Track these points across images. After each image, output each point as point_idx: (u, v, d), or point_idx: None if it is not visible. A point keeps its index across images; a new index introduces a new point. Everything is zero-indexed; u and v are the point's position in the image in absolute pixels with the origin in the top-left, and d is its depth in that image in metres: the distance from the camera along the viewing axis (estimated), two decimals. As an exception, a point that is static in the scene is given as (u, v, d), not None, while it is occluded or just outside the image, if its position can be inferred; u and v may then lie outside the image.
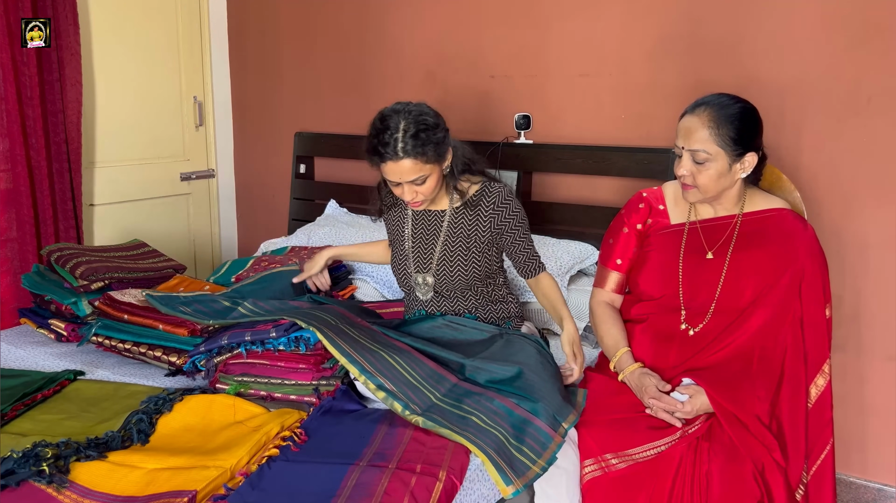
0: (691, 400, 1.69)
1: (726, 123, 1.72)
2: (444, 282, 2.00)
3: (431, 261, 1.99)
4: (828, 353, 1.77)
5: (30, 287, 2.34)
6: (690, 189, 1.80)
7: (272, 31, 3.41)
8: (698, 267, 1.84)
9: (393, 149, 1.78)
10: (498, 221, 1.96)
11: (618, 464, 1.67)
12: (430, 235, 2.00)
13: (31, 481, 1.41)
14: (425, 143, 1.79)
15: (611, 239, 1.98)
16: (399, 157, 1.79)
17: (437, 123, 1.84)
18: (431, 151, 1.80)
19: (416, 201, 1.90)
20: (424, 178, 1.84)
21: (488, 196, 1.95)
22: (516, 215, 1.97)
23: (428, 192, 1.88)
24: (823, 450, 1.74)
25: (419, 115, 1.81)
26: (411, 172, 1.81)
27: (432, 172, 1.86)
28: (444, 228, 1.98)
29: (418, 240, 2.02)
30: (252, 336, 1.81)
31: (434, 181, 1.88)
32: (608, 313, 1.95)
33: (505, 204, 1.95)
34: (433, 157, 1.82)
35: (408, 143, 1.78)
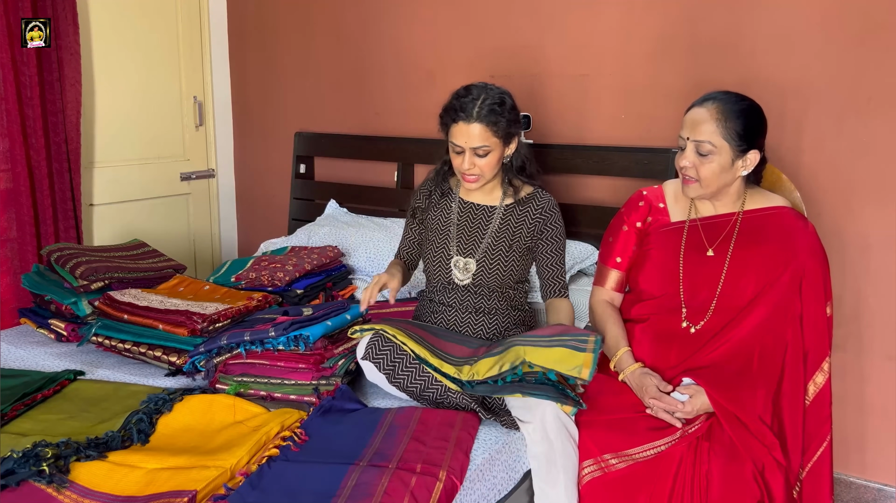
0: (691, 400, 1.69)
1: (733, 118, 1.74)
2: (483, 273, 2.01)
3: (477, 248, 2.02)
4: (828, 351, 1.77)
5: (30, 287, 2.34)
6: (691, 183, 1.80)
7: (272, 31, 3.41)
8: (699, 264, 1.84)
9: (469, 111, 1.88)
10: (540, 227, 2.01)
11: (617, 463, 1.67)
12: (479, 226, 2.03)
13: (31, 481, 1.41)
14: (499, 116, 1.88)
15: (611, 237, 1.98)
16: (472, 120, 1.88)
17: (513, 106, 1.94)
18: (503, 126, 1.89)
19: (472, 174, 1.94)
20: (488, 150, 1.90)
21: (538, 200, 2.02)
22: (557, 228, 2.03)
23: (486, 169, 1.93)
24: (821, 446, 1.75)
25: (500, 93, 1.92)
26: (479, 139, 1.88)
27: (495, 148, 1.91)
28: (494, 221, 2.02)
29: (464, 228, 2.05)
30: (251, 336, 1.81)
31: (494, 159, 1.93)
32: (608, 312, 1.95)
33: (551, 212, 2.02)
34: (501, 133, 1.90)
35: (483, 109, 1.88)
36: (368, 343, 1.80)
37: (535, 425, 1.67)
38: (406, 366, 1.77)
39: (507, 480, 1.67)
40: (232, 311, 2.08)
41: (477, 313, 2.01)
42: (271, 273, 2.46)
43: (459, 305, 2.03)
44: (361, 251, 2.72)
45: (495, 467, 1.63)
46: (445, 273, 2.04)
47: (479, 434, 1.68)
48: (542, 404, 1.68)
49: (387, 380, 1.79)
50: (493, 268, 2.00)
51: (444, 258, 2.04)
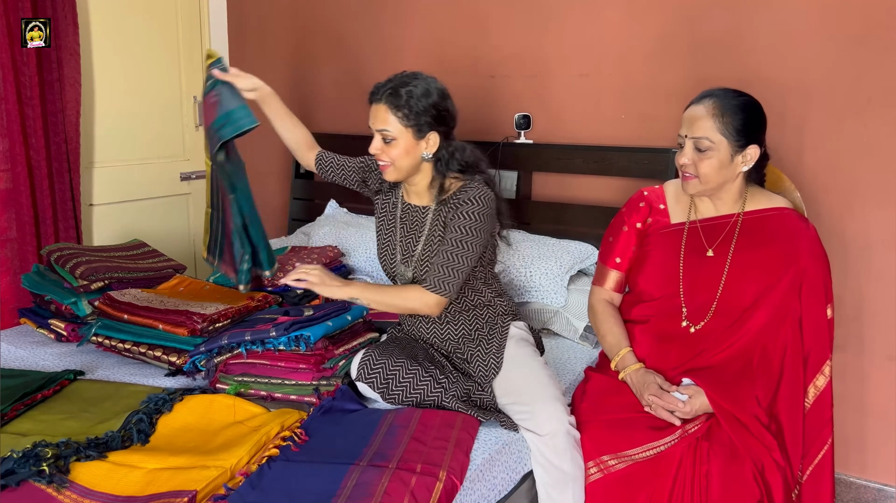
0: (691, 400, 1.69)
1: (730, 113, 1.73)
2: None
3: (413, 257, 1.94)
4: (829, 354, 1.76)
5: (30, 287, 2.34)
6: (691, 180, 1.80)
7: (272, 31, 3.41)
8: (699, 266, 1.83)
9: (378, 92, 1.83)
10: (452, 216, 1.85)
11: (616, 464, 1.66)
12: (416, 230, 1.95)
13: (31, 481, 1.41)
14: (404, 100, 1.79)
15: (611, 237, 1.98)
16: (378, 100, 1.83)
17: (437, 102, 1.82)
18: (406, 112, 1.79)
19: (381, 160, 1.86)
20: (392, 137, 1.81)
21: (460, 193, 1.86)
22: (463, 218, 1.81)
23: (393, 157, 1.83)
24: (822, 450, 1.73)
25: (421, 81, 1.83)
26: (381, 121, 1.82)
27: (401, 136, 1.81)
28: (427, 224, 1.92)
29: (406, 231, 1.97)
30: (252, 336, 1.81)
31: (401, 150, 1.82)
32: (609, 311, 1.94)
33: (466, 203, 1.82)
34: (407, 120, 1.80)
35: (389, 90, 1.81)
36: (360, 363, 1.78)
37: (545, 439, 1.67)
38: (400, 381, 1.76)
39: (507, 481, 1.67)
40: (232, 311, 2.08)
41: (429, 323, 1.95)
42: (271, 273, 2.46)
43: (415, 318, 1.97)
44: (361, 251, 2.72)
45: (495, 467, 1.63)
46: (394, 279, 2.00)
47: (480, 434, 1.68)
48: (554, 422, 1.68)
49: (382, 398, 1.78)
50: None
51: (392, 265, 1.98)
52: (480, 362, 1.86)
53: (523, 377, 1.81)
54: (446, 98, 1.86)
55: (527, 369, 1.83)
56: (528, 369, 1.83)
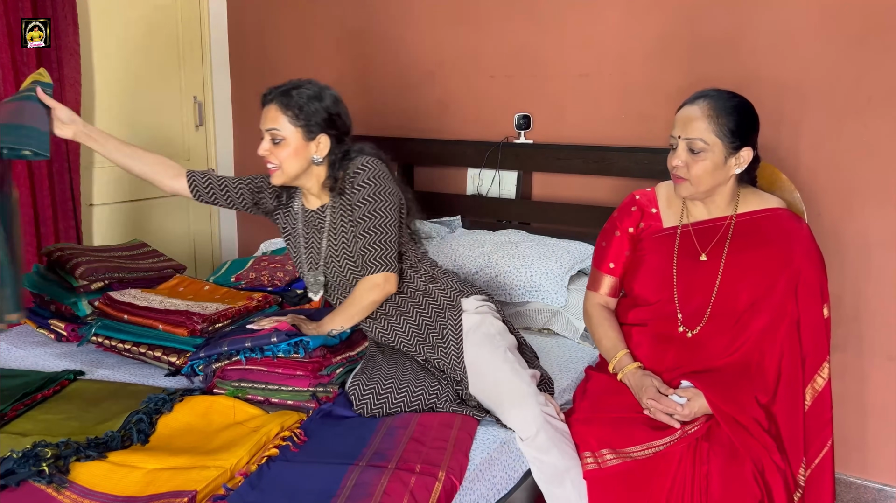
0: (689, 403, 1.68)
1: (725, 114, 1.72)
2: (336, 281, 1.91)
3: (319, 260, 1.92)
4: (826, 354, 1.75)
5: (30, 287, 2.34)
6: (683, 182, 1.77)
7: (272, 31, 3.41)
8: (692, 270, 1.82)
9: (269, 93, 1.83)
10: (350, 197, 1.82)
11: (613, 459, 1.66)
12: (317, 233, 1.92)
13: (31, 481, 1.41)
14: (295, 100, 1.79)
15: (603, 242, 1.96)
16: (269, 101, 1.82)
17: (318, 97, 1.81)
18: (296, 112, 1.79)
19: (268, 161, 1.82)
20: (281, 137, 1.79)
21: (347, 175, 1.82)
22: (361, 189, 1.79)
23: (282, 159, 1.80)
24: (822, 450, 1.73)
25: (308, 83, 1.84)
26: (272, 120, 1.80)
27: (290, 137, 1.79)
28: (327, 222, 1.89)
29: (308, 238, 1.95)
30: (252, 342, 1.78)
31: (290, 151, 1.80)
32: (604, 315, 1.93)
33: (355, 173, 1.80)
34: (297, 120, 1.79)
35: (280, 91, 1.81)
36: (350, 391, 1.75)
37: (528, 441, 1.66)
38: (394, 400, 1.73)
39: (506, 480, 1.67)
40: (232, 312, 2.08)
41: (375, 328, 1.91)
42: (271, 273, 2.46)
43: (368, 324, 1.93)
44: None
45: (494, 467, 1.63)
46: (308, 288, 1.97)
47: (478, 434, 1.68)
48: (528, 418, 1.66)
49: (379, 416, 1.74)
50: (344, 272, 1.88)
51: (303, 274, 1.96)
52: (445, 363, 1.83)
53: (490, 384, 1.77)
54: (338, 103, 1.86)
55: (489, 373, 1.78)
56: (491, 372, 1.78)
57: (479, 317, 1.89)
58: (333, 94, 1.86)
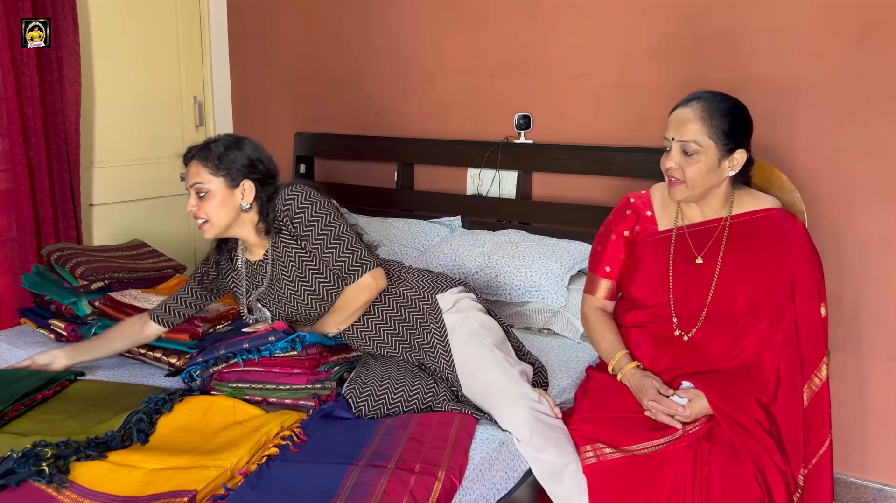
0: (690, 404, 1.68)
1: (719, 116, 1.72)
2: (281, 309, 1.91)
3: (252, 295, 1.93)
4: (824, 353, 1.76)
5: (30, 287, 2.34)
6: (677, 185, 1.77)
7: (272, 30, 3.41)
8: (688, 273, 1.82)
9: (188, 153, 1.86)
10: (296, 232, 1.83)
11: (612, 453, 1.66)
12: (262, 280, 1.93)
13: (31, 481, 1.41)
14: (212, 152, 1.82)
15: (599, 246, 1.96)
16: (189, 160, 1.84)
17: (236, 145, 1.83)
18: (216, 163, 1.81)
19: (200, 217, 1.83)
20: (206, 189, 1.81)
21: (279, 211, 1.83)
22: (301, 214, 1.81)
23: (209, 212, 1.81)
24: (821, 448, 1.73)
25: (225, 136, 1.87)
26: (194, 175, 1.82)
27: (214, 188, 1.80)
28: (269, 270, 1.90)
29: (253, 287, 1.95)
30: (250, 343, 1.78)
31: (217, 202, 1.81)
32: (602, 318, 1.93)
33: (287, 207, 1.82)
34: (216, 170, 1.81)
35: (198, 149, 1.84)
36: (347, 394, 1.75)
37: (523, 442, 1.66)
38: (392, 400, 1.73)
39: (506, 479, 1.67)
40: (233, 313, 2.09)
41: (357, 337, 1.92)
42: (271, 273, 2.46)
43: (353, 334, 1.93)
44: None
45: (494, 467, 1.63)
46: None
47: (478, 434, 1.68)
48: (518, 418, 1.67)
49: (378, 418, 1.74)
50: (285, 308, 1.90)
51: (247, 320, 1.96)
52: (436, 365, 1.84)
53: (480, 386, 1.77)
54: (258, 149, 1.87)
55: (478, 374, 1.78)
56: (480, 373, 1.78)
57: (461, 314, 1.88)
58: (253, 142, 1.88)
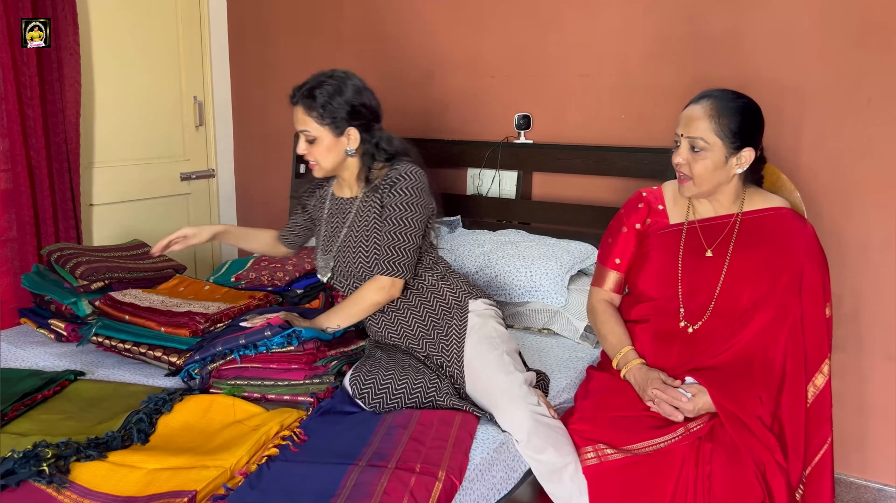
0: (694, 398, 1.69)
1: (727, 115, 1.74)
2: (344, 269, 1.93)
3: (334, 246, 1.96)
4: (827, 352, 1.77)
5: (30, 287, 2.34)
6: (685, 182, 1.81)
7: (272, 31, 3.41)
8: (697, 267, 1.84)
9: (295, 94, 1.88)
10: (384, 200, 1.88)
11: (613, 454, 1.66)
12: (340, 220, 1.97)
13: (31, 481, 1.41)
14: (317, 101, 1.84)
15: (610, 238, 1.98)
16: (295, 103, 1.88)
17: (339, 92, 1.85)
18: (320, 112, 1.84)
19: (309, 159, 1.90)
20: (313, 137, 1.86)
21: (388, 175, 1.89)
22: (398, 196, 1.85)
23: (318, 156, 1.88)
24: (821, 448, 1.74)
25: (330, 77, 1.87)
26: (301, 122, 1.87)
27: (321, 136, 1.86)
28: (352, 213, 1.94)
29: (330, 226, 1.99)
30: (246, 339, 1.79)
31: (324, 148, 1.87)
32: (610, 311, 1.95)
33: (396, 180, 1.86)
34: (322, 119, 1.84)
35: (304, 93, 1.86)
36: (351, 381, 1.76)
37: (522, 444, 1.66)
38: (395, 391, 1.74)
39: (506, 479, 1.67)
40: (234, 311, 2.08)
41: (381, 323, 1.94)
42: (271, 273, 2.46)
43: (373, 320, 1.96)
44: (361, 251, 2.71)
45: (494, 467, 1.63)
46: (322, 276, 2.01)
47: (478, 433, 1.68)
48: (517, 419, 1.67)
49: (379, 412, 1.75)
50: (355, 262, 1.90)
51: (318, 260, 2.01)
52: (444, 357, 1.85)
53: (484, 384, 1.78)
54: (361, 93, 1.88)
55: (484, 372, 1.79)
56: (485, 372, 1.79)
57: (482, 319, 1.92)
58: (356, 83, 1.89)
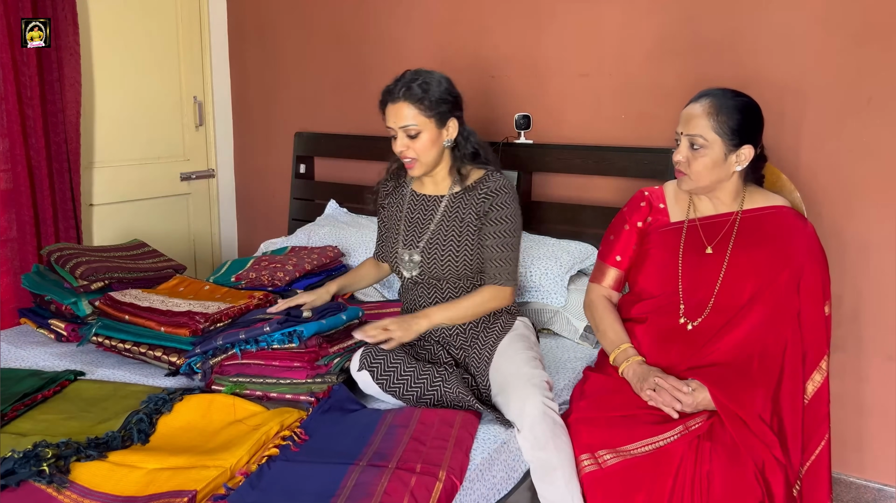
0: (694, 393, 1.69)
1: (725, 113, 1.76)
2: (432, 264, 1.95)
3: (421, 240, 1.98)
4: (826, 350, 1.78)
5: (30, 287, 2.34)
6: (684, 176, 1.83)
7: (272, 31, 3.41)
8: (697, 264, 1.85)
9: (395, 91, 1.89)
10: (486, 208, 1.93)
11: (611, 459, 1.66)
12: (426, 217, 1.99)
13: (31, 481, 1.41)
14: (425, 93, 1.87)
15: (612, 235, 1.99)
16: (397, 99, 1.88)
17: (448, 89, 1.92)
18: (426, 104, 1.87)
19: (407, 157, 1.91)
20: (417, 130, 1.88)
21: (486, 182, 1.95)
22: (503, 209, 1.92)
23: (420, 151, 1.90)
24: (819, 445, 1.76)
25: (427, 74, 1.92)
26: (405, 117, 1.88)
27: (426, 128, 1.89)
28: (440, 210, 1.97)
29: (413, 221, 2.02)
30: (246, 334, 1.80)
31: (428, 141, 1.90)
32: (609, 307, 1.96)
33: (498, 192, 1.93)
34: (428, 111, 1.88)
35: (406, 87, 1.88)
36: (362, 354, 1.79)
37: (525, 433, 1.67)
38: (401, 374, 1.77)
39: (506, 479, 1.67)
40: (234, 311, 2.08)
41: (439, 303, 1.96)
42: (271, 273, 2.46)
43: (417, 305, 1.99)
44: (361, 251, 2.72)
45: (495, 467, 1.63)
46: (397, 269, 2.04)
47: (479, 433, 1.68)
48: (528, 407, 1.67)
49: (382, 389, 1.78)
50: (444, 258, 1.94)
51: (395, 253, 2.03)
52: (477, 351, 1.91)
53: (506, 367, 1.83)
54: (452, 84, 1.95)
55: (513, 361, 1.84)
56: (515, 359, 1.84)
57: (528, 329, 2.02)
58: (444, 76, 1.94)
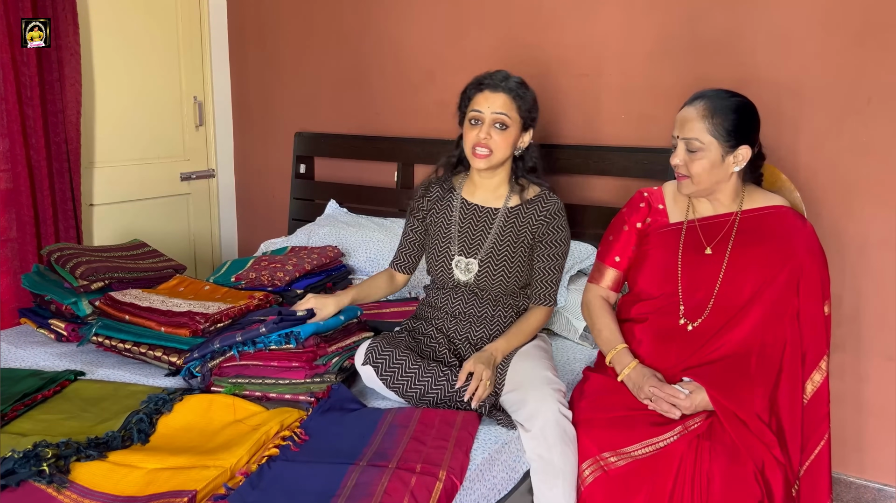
0: (691, 395, 1.69)
1: (720, 114, 1.75)
2: (486, 274, 1.95)
3: (480, 250, 1.97)
4: (825, 350, 1.78)
5: (30, 287, 2.34)
6: (684, 180, 1.82)
7: (272, 31, 3.41)
8: (697, 264, 1.85)
9: (496, 81, 1.93)
10: (543, 229, 1.96)
11: (616, 461, 1.67)
12: (480, 226, 1.99)
13: (31, 481, 1.41)
14: (524, 93, 1.94)
15: (611, 236, 1.99)
16: (499, 89, 1.92)
17: (533, 94, 1.97)
18: (523, 105, 1.93)
19: (483, 148, 1.90)
20: (507, 123, 1.90)
21: (545, 202, 1.98)
22: (559, 233, 1.97)
23: (499, 145, 1.91)
24: (818, 445, 1.76)
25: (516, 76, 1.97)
26: (502, 106, 1.90)
27: (513, 126, 1.92)
28: (498, 221, 1.98)
29: (466, 229, 2.00)
30: (243, 336, 1.80)
31: (509, 138, 1.92)
32: (605, 307, 1.96)
33: (556, 215, 1.97)
34: (521, 111, 1.93)
35: (510, 82, 1.93)
36: (368, 348, 1.80)
37: (534, 432, 1.67)
38: (405, 372, 1.78)
39: (506, 480, 1.67)
40: (234, 311, 2.08)
41: (477, 321, 1.96)
42: (271, 273, 2.46)
43: (461, 312, 1.96)
44: (361, 251, 2.72)
45: (495, 467, 1.63)
46: (448, 273, 1.99)
47: (479, 433, 1.68)
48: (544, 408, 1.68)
49: (385, 386, 1.79)
50: (497, 270, 1.95)
51: (447, 258, 1.99)
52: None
53: (524, 368, 1.84)
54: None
55: (535, 365, 1.85)
56: (537, 365, 1.85)
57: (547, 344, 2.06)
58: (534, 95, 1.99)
